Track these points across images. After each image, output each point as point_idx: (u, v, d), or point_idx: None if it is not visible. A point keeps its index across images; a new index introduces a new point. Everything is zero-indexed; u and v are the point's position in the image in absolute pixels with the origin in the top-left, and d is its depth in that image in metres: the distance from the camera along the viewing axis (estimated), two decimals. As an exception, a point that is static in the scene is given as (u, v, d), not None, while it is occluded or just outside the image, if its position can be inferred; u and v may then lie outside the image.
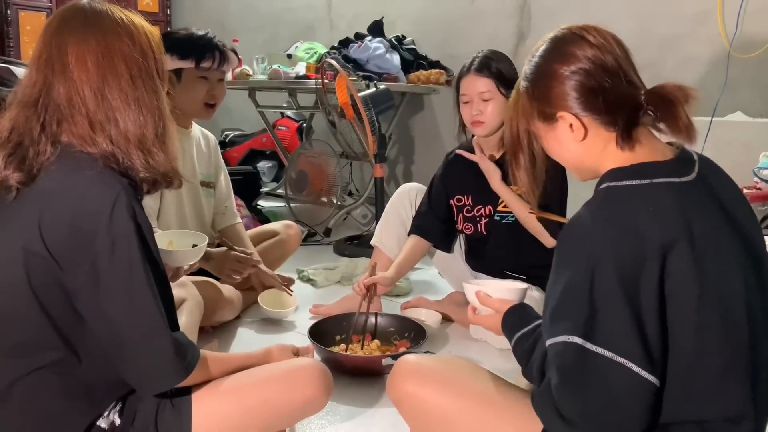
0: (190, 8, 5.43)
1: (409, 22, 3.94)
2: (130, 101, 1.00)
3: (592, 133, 0.96)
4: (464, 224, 2.06)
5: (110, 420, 1.02)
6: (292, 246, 2.38)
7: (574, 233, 0.91)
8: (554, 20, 3.03)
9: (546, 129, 1.00)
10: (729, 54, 2.68)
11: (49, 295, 0.95)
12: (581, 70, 0.95)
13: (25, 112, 0.99)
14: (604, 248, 0.85)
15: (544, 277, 2.07)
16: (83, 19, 1.01)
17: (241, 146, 4.42)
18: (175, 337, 0.99)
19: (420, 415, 1.06)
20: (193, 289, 1.76)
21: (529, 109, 1.01)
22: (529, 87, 1.01)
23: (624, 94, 0.95)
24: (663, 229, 0.85)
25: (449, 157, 2.13)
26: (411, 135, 4.10)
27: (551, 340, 0.87)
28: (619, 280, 0.83)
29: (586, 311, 0.84)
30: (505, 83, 1.88)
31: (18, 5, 4.45)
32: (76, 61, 0.98)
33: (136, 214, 0.96)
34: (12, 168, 0.96)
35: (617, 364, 0.81)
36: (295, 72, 3.42)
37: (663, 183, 0.90)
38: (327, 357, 1.68)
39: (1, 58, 3.53)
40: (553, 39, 1.00)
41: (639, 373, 0.81)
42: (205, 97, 1.96)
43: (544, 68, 0.98)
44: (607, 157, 0.96)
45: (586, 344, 0.83)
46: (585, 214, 0.91)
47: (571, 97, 0.95)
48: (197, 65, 1.92)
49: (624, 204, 0.89)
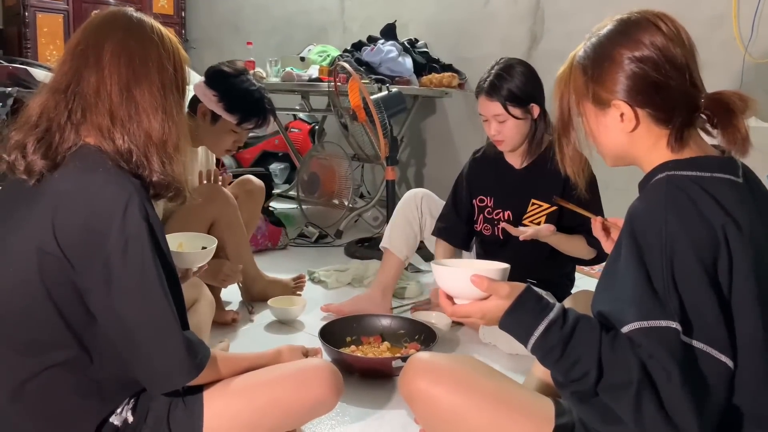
0: (205, 11, 5.47)
1: (422, 25, 3.94)
2: (158, 107, 1.03)
3: (643, 127, 0.93)
4: (483, 225, 2.06)
5: (123, 417, 1.03)
6: (256, 202, 2.29)
7: (644, 220, 0.87)
8: (567, 23, 3.00)
9: (595, 112, 0.97)
10: (744, 58, 2.66)
11: (61, 294, 0.97)
12: (648, 59, 0.91)
13: (55, 98, 1.02)
14: (679, 234, 0.83)
15: (557, 284, 2.07)
16: (127, 23, 1.06)
17: (253, 148, 4.44)
18: (187, 336, 1.00)
19: (432, 412, 1.06)
20: (205, 289, 1.77)
21: (582, 89, 0.97)
22: (588, 67, 0.96)
23: (686, 94, 0.92)
24: (726, 217, 0.84)
25: (475, 155, 2.13)
26: (423, 138, 4.10)
27: (640, 323, 0.80)
28: (699, 263, 0.81)
29: (676, 299, 0.81)
30: (517, 101, 1.86)
31: (35, 7, 4.50)
32: (110, 58, 1.02)
33: (148, 214, 0.97)
34: (39, 154, 0.98)
35: (712, 358, 0.80)
36: (308, 74, 3.44)
37: (723, 178, 0.89)
38: (337, 358, 1.68)
39: (19, 60, 3.58)
40: (623, 21, 0.95)
41: (727, 363, 0.80)
42: (229, 146, 2.00)
43: (608, 50, 0.94)
44: (655, 152, 0.94)
45: (683, 336, 0.80)
46: (649, 201, 0.89)
47: (631, 86, 0.92)
48: (239, 124, 1.94)
49: (689, 191, 0.87)
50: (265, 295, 2.21)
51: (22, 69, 3.17)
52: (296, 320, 2.15)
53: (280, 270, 2.48)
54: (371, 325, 1.92)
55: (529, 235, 1.80)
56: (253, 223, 2.33)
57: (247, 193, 2.24)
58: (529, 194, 1.96)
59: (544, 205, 1.94)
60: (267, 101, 2.00)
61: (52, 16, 4.60)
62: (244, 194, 2.22)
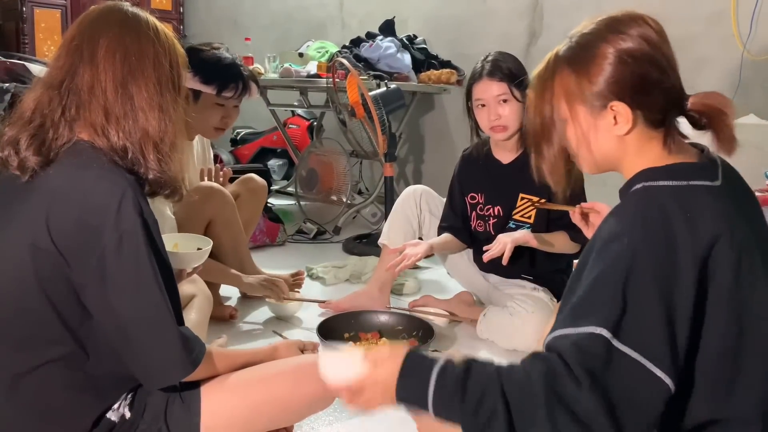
0: (204, 6, 5.45)
1: (421, 21, 3.94)
2: (154, 104, 1.02)
3: (636, 129, 0.90)
4: (477, 222, 2.06)
5: (120, 413, 1.03)
6: (258, 200, 2.29)
7: (612, 230, 0.85)
8: (567, 19, 3.00)
9: (587, 114, 0.92)
10: (743, 56, 2.65)
11: (56, 290, 0.96)
12: (645, 55, 0.88)
13: (49, 93, 1.01)
14: (642, 248, 0.81)
15: (552, 280, 2.08)
16: (123, 19, 1.04)
17: (251, 144, 4.44)
18: (182, 332, 1.00)
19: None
20: (203, 285, 1.77)
21: (574, 90, 0.91)
22: (579, 66, 0.91)
23: (677, 94, 0.90)
24: (702, 235, 0.82)
25: (464, 153, 2.14)
26: (421, 134, 4.10)
27: (574, 329, 0.78)
28: (655, 279, 0.79)
29: (619, 307, 0.77)
30: (519, 83, 1.87)
31: (33, 2, 4.49)
32: (105, 53, 1.00)
33: (142, 210, 0.97)
34: (32, 150, 0.98)
35: (642, 367, 0.76)
36: (307, 71, 3.43)
37: (700, 186, 0.87)
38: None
39: (17, 55, 3.57)
40: (610, 18, 0.91)
41: (662, 378, 0.76)
42: (218, 122, 1.95)
43: (601, 48, 0.89)
44: (642, 155, 0.91)
45: (613, 341, 0.76)
46: (623, 212, 0.87)
47: (628, 85, 0.88)
48: (218, 93, 1.90)
49: (663, 205, 0.84)
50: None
51: (19, 65, 3.16)
52: (294, 316, 2.15)
53: (278, 266, 2.48)
54: (369, 321, 1.93)
55: (506, 253, 1.79)
56: (254, 221, 2.34)
57: (249, 191, 2.24)
58: (517, 189, 1.96)
59: (533, 199, 1.94)
60: (243, 68, 1.97)
61: (50, 12, 4.58)
62: (246, 192, 2.23)
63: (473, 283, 2.20)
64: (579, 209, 1.33)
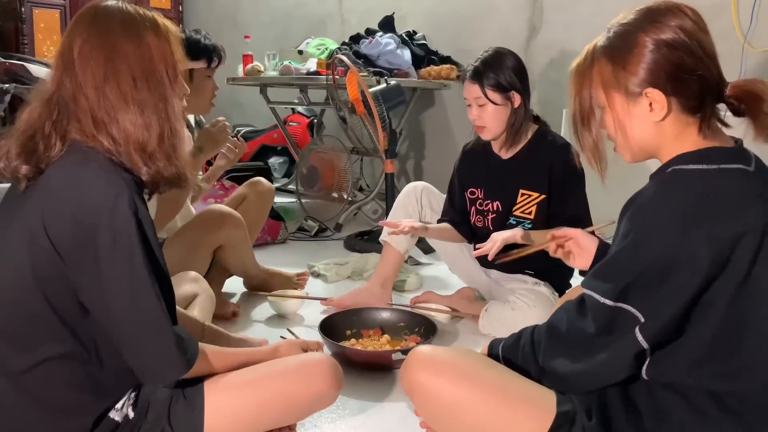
0: (203, 4, 5.45)
1: (420, 17, 3.93)
2: (130, 102, 1.00)
3: (672, 115, 0.93)
4: (476, 217, 2.06)
5: (123, 413, 1.03)
6: (266, 203, 2.36)
7: (644, 213, 0.91)
8: (566, 14, 2.98)
9: (624, 102, 0.96)
10: (744, 48, 2.65)
11: (54, 288, 0.96)
12: (680, 44, 0.90)
13: (39, 108, 1.01)
14: (656, 226, 0.87)
15: (553, 274, 2.07)
16: (91, 18, 1.01)
17: (252, 142, 4.43)
18: (176, 332, 1.00)
19: (432, 404, 1.06)
20: (205, 284, 1.78)
21: (611, 79, 0.95)
22: (616, 56, 0.94)
23: (715, 81, 0.92)
24: (728, 219, 0.85)
25: (465, 148, 2.14)
26: (422, 131, 4.10)
27: (594, 291, 0.92)
28: (675, 264, 0.85)
29: (632, 276, 0.88)
30: (498, 87, 1.87)
31: (32, 2, 4.48)
32: (79, 58, 0.99)
33: (137, 209, 0.96)
34: (22, 159, 0.98)
35: (633, 317, 0.88)
36: (306, 68, 3.42)
37: (731, 169, 0.89)
38: (338, 351, 1.69)
39: (16, 56, 3.57)
40: (648, 9, 0.94)
41: (643, 345, 0.88)
42: (211, 94, 2.06)
43: (638, 38, 0.93)
44: (678, 142, 0.94)
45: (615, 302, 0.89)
46: (646, 194, 0.92)
47: (664, 73, 0.91)
48: (209, 65, 2.01)
49: (688, 187, 0.88)
50: (265, 288, 2.22)
51: (19, 65, 3.16)
52: (296, 314, 2.15)
53: (280, 264, 2.48)
54: (371, 318, 1.92)
55: (495, 250, 1.78)
56: (259, 223, 2.38)
57: (257, 194, 2.30)
58: (517, 184, 1.96)
59: (533, 195, 1.93)
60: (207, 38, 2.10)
61: (49, 12, 4.58)
62: (254, 195, 2.29)
63: (474, 278, 2.20)
64: (554, 243, 1.31)
